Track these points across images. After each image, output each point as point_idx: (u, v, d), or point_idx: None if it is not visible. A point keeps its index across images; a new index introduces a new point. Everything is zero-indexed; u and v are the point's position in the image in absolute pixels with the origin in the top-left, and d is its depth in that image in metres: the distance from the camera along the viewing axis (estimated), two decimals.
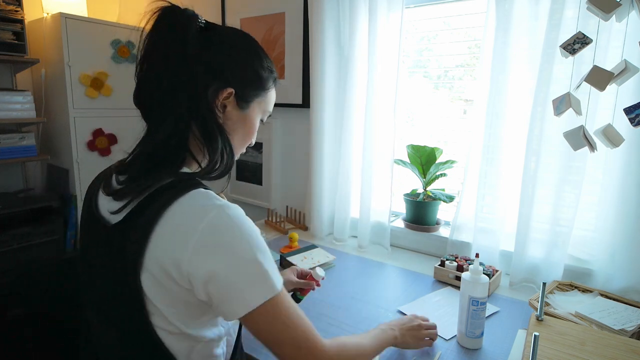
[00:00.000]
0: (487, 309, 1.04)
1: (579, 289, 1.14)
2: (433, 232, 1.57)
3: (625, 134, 1.01)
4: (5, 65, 2.07)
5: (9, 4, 1.85)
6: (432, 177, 1.57)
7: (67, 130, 2.05)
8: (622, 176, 1.12)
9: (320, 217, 1.70)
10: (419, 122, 1.72)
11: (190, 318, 0.63)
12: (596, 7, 0.95)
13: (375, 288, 1.26)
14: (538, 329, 0.87)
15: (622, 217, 1.12)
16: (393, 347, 0.90)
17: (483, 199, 1.36)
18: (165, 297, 0.59)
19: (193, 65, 0.64)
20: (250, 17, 1.94)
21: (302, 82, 1.78)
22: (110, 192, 0.64)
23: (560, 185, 1.20)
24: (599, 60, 1.05)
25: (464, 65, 1.56)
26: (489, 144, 1.32)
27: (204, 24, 0.69)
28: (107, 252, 0.63)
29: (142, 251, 0.57)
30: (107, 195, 0.66)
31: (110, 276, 0.63)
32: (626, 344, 0.83)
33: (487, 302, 0.94)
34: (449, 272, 1.28)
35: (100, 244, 0.65)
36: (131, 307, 0.60)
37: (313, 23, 1.59)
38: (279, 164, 1.97)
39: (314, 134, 1.67)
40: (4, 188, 2.15)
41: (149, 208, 0.59)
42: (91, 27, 2.07)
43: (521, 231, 1.26)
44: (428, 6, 1.56)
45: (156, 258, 0.57)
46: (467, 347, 0.95)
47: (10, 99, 1.89)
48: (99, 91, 2.12)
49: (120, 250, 0.60)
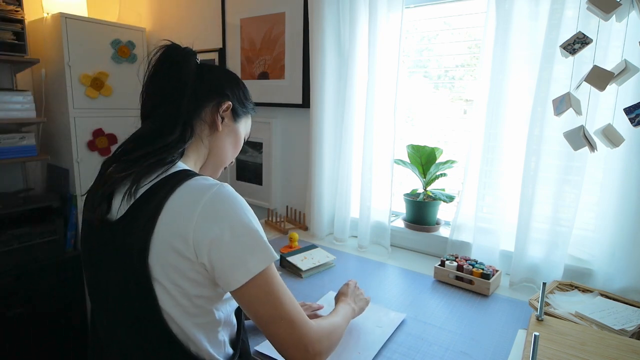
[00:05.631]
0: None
1: (579, 289, 1.14)
2: (433, 232, 1.57)
3: (625, 134, 1.01)
4: (5, 65, 2.07)
5: (9, 4, 1.85)
6: (432, 177, 1.57)
7: (67, 130, 2.05)
8: (622, 176, 1.12)
9: (320, 217, 1.70)
10: (419, 122, 1.71)
11: (197, 295, 0.65)
12: (596, 7, 0.95)
13: (376, 288, 1.26)
14: (538, 329, 0.87)
15: (622, 217, 1.12)
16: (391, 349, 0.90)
17: (483, 199, 1.36)
18: (174, 276, 0.62)
19: (192, 84, 0.77)
20: (250, 17, 1.94)
21: (302, 82, 1.78)
22: (116, 190, 0.69)
23: (560, 185, 1.20)
24: (599, 60, 1.05)
25: (464, 65, 1.56)
26: (489, 144, 1.32)
27: (199, 61, 0.81)
28: (112, 248, 0.66)
29: (148, 238, 0.61)
30: (108, 192, 0.69)
31: (117, 270, 0.65)
32: (626, 344, 0.83)
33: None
34: (449, 272, 1.28)
35: (105, 242, 0.67)
36: (140, 295, 0.63)
37: (313, 23, 1.59)
38: (279, 164, 1.97)
39: (314, 134, 1.67)
40: (4, 188, 2.15)
41: (152, 199, 0.64)
42: (91, 27, 2.07)
43: (521, 231, 1.26)
44: (428, 6, 1.56)
45: (163, 241, 0.61)
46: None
47: (10, 99, 1.89)
48: (99, 91, 2.12)
49: (125, 243, 0.64)
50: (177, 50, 0.78)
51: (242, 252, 0.63)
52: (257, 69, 1.96)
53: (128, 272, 0.63)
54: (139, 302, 0.64)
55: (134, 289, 0.63)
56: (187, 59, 0.78)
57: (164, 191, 0.64)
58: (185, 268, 0.62)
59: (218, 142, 0.82)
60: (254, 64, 1.97)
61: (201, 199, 0.62)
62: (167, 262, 0.62)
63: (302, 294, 1.19)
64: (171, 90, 0.76)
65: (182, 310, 0.64)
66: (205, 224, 0.61)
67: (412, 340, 0.97)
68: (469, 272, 1.25)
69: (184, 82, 0.76)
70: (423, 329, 1.03)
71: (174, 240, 0.61)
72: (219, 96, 0.81)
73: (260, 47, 1.93)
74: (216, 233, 0.61)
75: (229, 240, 0.62)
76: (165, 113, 0.75)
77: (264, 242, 0.65)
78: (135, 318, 0.66)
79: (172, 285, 0.63)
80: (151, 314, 0.63)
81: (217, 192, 0.64)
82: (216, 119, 0.80)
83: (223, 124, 0.82)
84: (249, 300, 0.64)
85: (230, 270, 0.62)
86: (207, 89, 0.80)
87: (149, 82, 0.78)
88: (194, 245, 0.61)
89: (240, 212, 0.64)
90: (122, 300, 0.66)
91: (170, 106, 0.75)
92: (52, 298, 2.03)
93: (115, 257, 0.66)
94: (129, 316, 0.66)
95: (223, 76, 0.85)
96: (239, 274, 0.62)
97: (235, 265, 0.62)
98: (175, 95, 0.75)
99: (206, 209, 0.62)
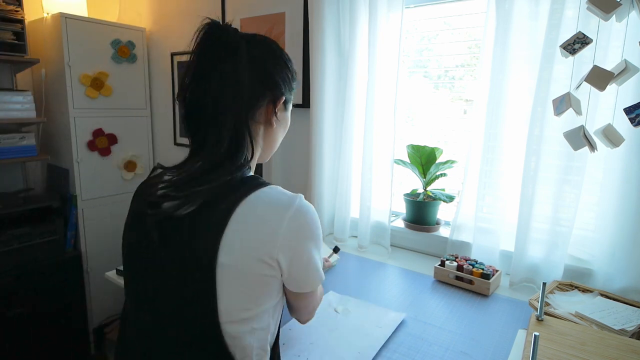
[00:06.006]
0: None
1: (579, 289, 1.14)
2: (433, 232, 1.57)
3: (625, 134, 1.01)
4: (5, 65, 2.07)
5: (9, 4, 1.85)
6: (432, 177, 1.57)
7: (67, 130, 2.05)
8: (622, 176, 1.12)
9: (320, 217, 1.70)
10: (419, 122, 1.71)
11: (257, 298, 0.64)
12: (596, 7, 0.95)
13: (376, 288, 1.26)
14: (538, 329, 0.87)
15: (622, 217, 1.12)
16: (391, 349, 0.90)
17: (483, 199, 1.36)
18: (244, 280, 0.62)
19: (248, 79, 0.67)
20: (250, 17, 1.94)
21: (302, 82, 1.78)
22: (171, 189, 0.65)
23: (560, 185, 1.20)
24: (599, 60, 1.05)
25: (464, 65, 1.56)
26: (489, 144, 1.32)
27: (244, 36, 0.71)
28: (173, 247, 0.63)
29: (216, 243, 0.59)
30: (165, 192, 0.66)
31: (176, 272, 0.62)
32: (626, 344, 0.83)
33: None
34: (449, 272, 1.28)
35: (165, 239, 0.64)
36: (200, 301, 0.61)
37: (313, 23, 1.59)
38: (279, 164, 1.97)
39: (314, 134, 1.67)
40: (4, 188, 2.15)
41: (219, 202, 0.62)
42: (91, 27, 2.07)
43: (521, 231, 1.26)
44: (428, 6, 1.56)
45: (234, 248, 0.60)
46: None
47: (10, 99, 1.89)
48: (99, 91, 2.12)
49: (190, 245, 0.61)
50: (223, 28, 0.67)
51: (310, 268, 0.67)
52: None
53: (190, 278, 0.61)
54: (196, 309, 0.61)
55: (193, 294, 0.61)
56: (237, 44, 0.66)
57: (233, 196, 0.62)
58: (260, 272, 0.62)
59: (272, 136, 0.77)
60: None
61: (285, 214, 0.63)
62: (237, 267, 0.60)
63: None
64: (230, 91, 0.65)
65: (244, 316, 0.63)
66: (292, 242, 0.63)
67: (412, 340, 0.97)
68: (469, 272, 1.25)
69: (241, 81, 0.66)
70: (423, 329, 1.03)
71: (251, 250, 0.61)
72: (272, 91, 0.71)
73: None
74: (302, 249, 0.65)
75: (310, 255, 0.66)
76: (226, 124, 0.65)
77: (320, 267, 0.71)
78: (187, 318, 0.62)
79: (239, 289, 0.61)
80: (206, 320, 0.61)
81: (300, 208, 0.64)
82: (271, 118, 0.73)
83: (276, 118, 0.74)
84: (297, 298, 0.72)
85: (296, 281, 0.67)
86: (259, 83, 0.69)
87: (201, 77, 0.66)
88: (277, 259, 0.63)
89: (319, 230, 0.68)
90: (175, 305, 0.63)
91: (230, 114, 0.65)
92: (52, 298, 2.03)
93: (174, 257, 0.62)
94: (180, 316, 0.63)
95: (270, 59, 0.72)
96: (298, 287, 0.68)
97: (302, 280, 0.67)
98: (234, 98, 0.65)
99: (291, 226, 0.63)
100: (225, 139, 0.65)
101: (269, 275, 0.63)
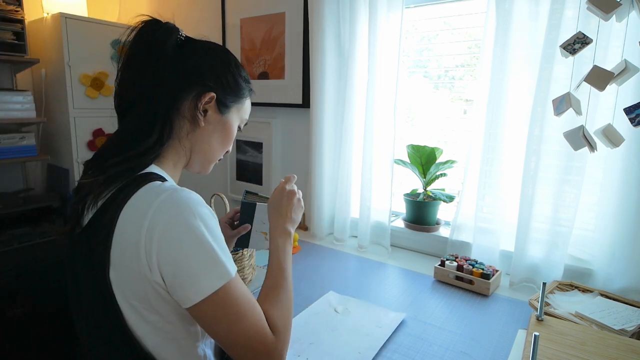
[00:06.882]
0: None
1: (579, 289, 1.14)
2: (433, 232, 1.57)
3: (625, 134, 1.01)
4: (5, 65, 2.07)
5: (9, 4, 1.85)
6: (432, 177, 1.57)
7: (67, 130, 2.05)
8: (622, 176, 1.12)
9: (320, 217, 1.70)
10: (419, 122, 1.71)
11: (163, 310, 0.61)
12: (596, 7, 0.95)
13: (375, 288, 1.26)
14: (538, 329, 0.87)
15: (622, 217, 1.12)
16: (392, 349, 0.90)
17: (483, 199, 1.36)
18: (136, 290, 0.59)
19: (170, 71, 0.66)
20: (250, 17, 1.94)
21: (302, 82, 1.78)
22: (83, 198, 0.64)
23: (560, 185, 1.20)
24: (599, 60, 1.05)
25: (464, 65, 1.56)
26: (489, 144, 1.32)
27: (184, 37, 0.71)
28: (79, 260, 0.64)
29: (107, 248, 0.58)
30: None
31: (85, 280, 0.63)
32: (626, 344, 0.83)
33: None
34: (449, 272, 1.28)
35: (75, 254, 0.65)
36: (104, 306, 0.60)
37: (313, 23, 1.59)
38: (279, 164, 1.97)
39: (314, 134, 1.67)
40: (4, 188, 2.15)
41: (108, 209, 0.60)
42: (91, 27, 2.07)
43: (521, 231, 1.26)
44: (428, 6, 1.56)
45: (120, 251, 0.58)
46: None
47: (10, 99, 1.89)
48: (99, 91, 2.12)
49: (89, 252, 0.61)
50: (156, 26, 0.66)
51: (193, 268, 0.56)
52: (257, 69, 1.96)
53: (93, 284, 0.60)
54: (106, 319, 0.60)
55: (100, 306, 0.60)
56: (166, 36, 0.66)
57: (118, 200, 0.59)
58: (145, 286, 0.58)
59: (202, 139, 0.72)
60: (254, 64, 1.97)
61: (149, 209, 0.56)
62: (127, 279, 0.58)
63: (302, 295, 1.19)
64: (149, 79, 0.65)
65: (153, 327, 0.61)
66: (153, 239, 0.56)
67: (412, 341, 0.97)
68: (469, 272, 1.25)
69: (161, 68, 0.64)
70: (423, 329, 1.03)
71: (128, 252, 0.57)
72: (200, 85, 0.69)
73: (260, 47, 1.93)
74: (164, 248, 0.56)
75: (178, 256, 0.56)
76: (142, 109, 0.65)
77: (218, 257, 0.58)
78: (102, 325, 0.63)
79: (138, 303, 0.59)
80: (115, 325, 0.60)
81: (167, 199, 0.57)
82: (197, 115, 0.69)
83: (206, 118, 0.70)
84: (203, 319, 0.59)
85: (181, 288, 0.57)
86: (185, 76, 0.67)
87: (124, 67, 0.66)
88: (146, 260, 0.56)
89: (192, 222, 0.57)
90: (91, 308, 0.63)
91: (146, 100, 0.65)
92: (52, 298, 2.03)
93: (82, 265, 0.63)
94: (97, 323, 0.63)
95: (207, 57, 0.71)
96: (192, 292, 0.56)
97: (187, 283, 0.56)
98: (152, 85, 0.65)
99: (154, 220, 0.56)
100: (135, 120, 0.65)
101: (149, 286, 0.58)
